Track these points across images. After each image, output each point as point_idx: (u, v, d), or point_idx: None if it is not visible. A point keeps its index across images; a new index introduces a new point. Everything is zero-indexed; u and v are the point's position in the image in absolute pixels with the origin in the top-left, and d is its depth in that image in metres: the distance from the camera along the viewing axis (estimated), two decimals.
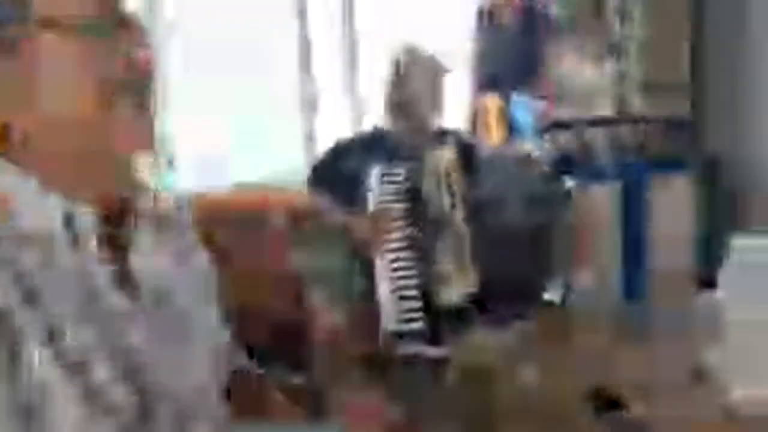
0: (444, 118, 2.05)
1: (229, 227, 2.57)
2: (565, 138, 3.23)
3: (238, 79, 3.16)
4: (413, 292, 1.77)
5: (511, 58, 3.40)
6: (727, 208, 2.61)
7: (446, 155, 1.82)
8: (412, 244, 1.80)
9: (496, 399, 1.19)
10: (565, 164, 2.51)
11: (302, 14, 3.44)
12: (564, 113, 3.31)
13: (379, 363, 1.70)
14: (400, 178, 1.83)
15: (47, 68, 0.65)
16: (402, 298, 1.78)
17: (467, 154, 1.87)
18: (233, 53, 3.14)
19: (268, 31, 3.33)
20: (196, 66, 3.07)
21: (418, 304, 1.77)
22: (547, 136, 3.20)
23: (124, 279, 0.70)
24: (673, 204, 2.93)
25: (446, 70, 1.97)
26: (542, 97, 3.31)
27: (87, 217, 0.67)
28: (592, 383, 1.16)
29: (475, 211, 1.81)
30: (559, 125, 3.34)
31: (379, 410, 0.89)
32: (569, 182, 2.19)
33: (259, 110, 3.32)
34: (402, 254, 1.79)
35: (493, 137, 3.36)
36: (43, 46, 0.65)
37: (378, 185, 1.84)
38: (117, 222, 0.71)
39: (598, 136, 3.28)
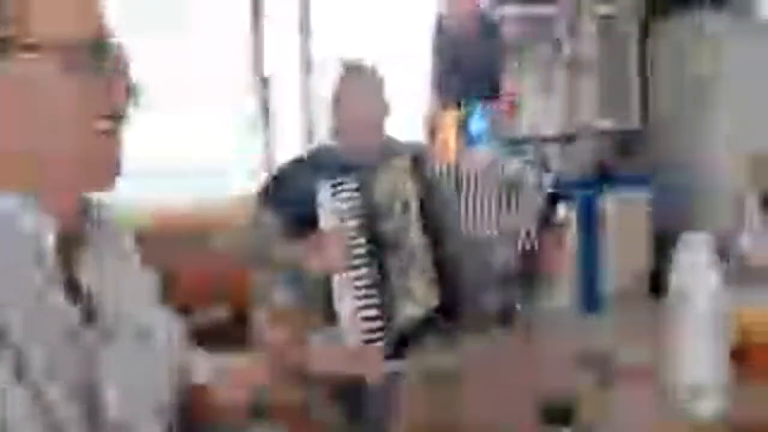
0: (397, 130, 2.02)
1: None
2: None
3: (189, 87, 3.11)
4: (374, 312, 1.74)
5: (467, 66, 3.42)
6: (679, 212, 2.66)
7: (400, 167, 1.79)
8: (370, 261, 1.76)
9: (451, 410, 1.16)
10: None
11: (257, 21, 3.42)
12: (521, 127, 3.35)
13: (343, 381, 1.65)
14: (351, 194, 1.79)
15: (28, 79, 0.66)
16: (364, 318, 1.74)
17: (422, 165, 1.84)
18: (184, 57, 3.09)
19: (221, 32, 3.29)
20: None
21: (379, 323, 1.73)
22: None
23: (72, 287, 0.70)
24: (629, 218, 2.98)
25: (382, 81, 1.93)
26: (502, 104, 3.32)
27: (44, 220, 0.68)
28: (549, 394, 1.14)
29: (432, 223, 1.78)
30: (517, 141, 3.37)
31: None
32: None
33: (213, 120, 3.27)
34: (360, 272, 1.75)
35: (450, 149, 3.37)
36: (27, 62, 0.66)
37: (329, 201, 1.79)
38: (72, 232, 0.72)
39: (555, 152, 3.33)
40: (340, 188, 1.79)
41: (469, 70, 3.42)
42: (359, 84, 1.86)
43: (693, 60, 2.81)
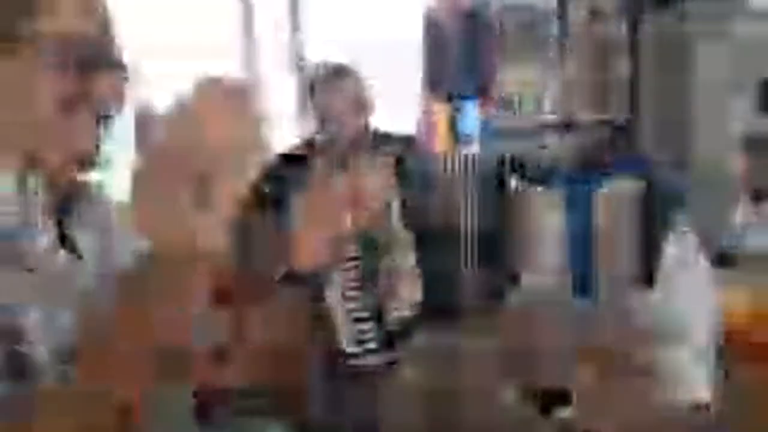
0: (389, 123, 2.03)
1: None
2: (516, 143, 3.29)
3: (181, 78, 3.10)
4: (365, 313, 1.75)
5: (457, 61, 3.43)
6: (665, 209, 2.68)
7: (383, 162, 1.80)
8: (357, 262, 1.76)
9: (446, 401, 1.17)
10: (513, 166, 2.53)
11: (248, 15, 3.42)
12: (509, 119, 3.37)
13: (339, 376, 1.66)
14: None
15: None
16: (356, 320, 1.75)
17: (407, 162, 1.85)
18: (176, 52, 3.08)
19: (212, 31, 3.29)
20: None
21: (370, 324, 1.74)
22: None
23: (65, 242, 0.75)
24: (618, 208, 3.00)
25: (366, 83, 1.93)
26: (486, 101, 3.34)
27: (35, 180, 0.72)
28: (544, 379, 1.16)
29: (416, 218, 1.79)
30: (509, 133, 3.39)
31: None
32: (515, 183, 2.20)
33: None
34: (350, 274, 1.76)
35: (442, 144, 3.38)
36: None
37: None
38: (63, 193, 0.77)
39: (546, 142, 3.35)
40: None
41: (459, 63, 3.43)
42: (338, 85, 1.87)
43: (681, 55, 2.83)
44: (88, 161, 0.75)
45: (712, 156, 2.64)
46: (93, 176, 0.83)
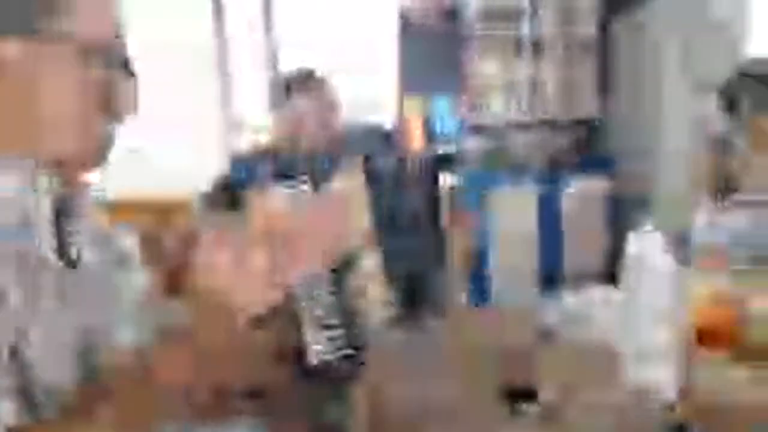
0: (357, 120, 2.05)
1: None
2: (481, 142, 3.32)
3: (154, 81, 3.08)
4: (334, 320, 1.75)
5: (433, 59, 3.45)
6: (630, 206, 2.73)
7: (350, 168, 1.81)
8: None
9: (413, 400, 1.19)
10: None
11: (220, 16, 3.40)
12: (483, 118, 3.39)
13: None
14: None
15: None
16: (325, 327, 1.75)
17: (375, 157, 1.87)
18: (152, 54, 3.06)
19: (185, 31, 3.27)
20: None
21: (339, 331, 1.75)
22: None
23: (62, 245, 0.75)
24: (586, 206, 3.05)
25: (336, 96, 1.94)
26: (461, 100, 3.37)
27: (43, 180, 0.71)
28: (506, 380, 1.17)
29: (383, 217, 1.80)
30: (479, 131, 3.41)
31: None
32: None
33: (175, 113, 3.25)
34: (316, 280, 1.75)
35: (417, 143, 3.40)
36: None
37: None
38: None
39: (517, 140, 3.38)
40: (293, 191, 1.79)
41: (433, 61, 3.45)
42: (312, 87, 1.88)
43: (648, 55, 2.88)
44: (97, 163, 0.76)
45: (680, 156, 2.68)
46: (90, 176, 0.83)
